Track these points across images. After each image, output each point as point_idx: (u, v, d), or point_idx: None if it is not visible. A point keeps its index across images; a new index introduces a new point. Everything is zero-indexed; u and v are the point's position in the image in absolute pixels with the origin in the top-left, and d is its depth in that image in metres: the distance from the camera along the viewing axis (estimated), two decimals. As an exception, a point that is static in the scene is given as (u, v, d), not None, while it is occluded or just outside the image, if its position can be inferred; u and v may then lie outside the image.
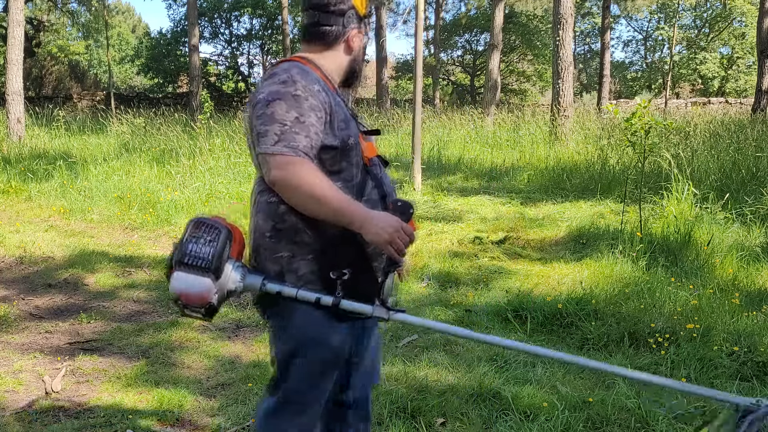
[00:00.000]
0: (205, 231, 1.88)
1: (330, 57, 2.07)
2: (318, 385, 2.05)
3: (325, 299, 1.92)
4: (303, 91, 1.88)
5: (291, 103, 1.86)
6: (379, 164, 2.12)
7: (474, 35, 33.82)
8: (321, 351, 2.00)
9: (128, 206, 7.62)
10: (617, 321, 4.05)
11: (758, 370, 3.49)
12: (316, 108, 1.88)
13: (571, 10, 12.63)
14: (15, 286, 5.21)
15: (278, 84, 1.89)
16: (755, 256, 5.24)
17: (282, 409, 2.05)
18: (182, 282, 1.86)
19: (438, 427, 2.99)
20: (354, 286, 1.96)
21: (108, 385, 3.47)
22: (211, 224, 1.89)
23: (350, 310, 1.95)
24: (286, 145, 1.82)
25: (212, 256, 1.85)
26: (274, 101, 1.86)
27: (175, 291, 1.88)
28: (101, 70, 37.45)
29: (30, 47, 25.73)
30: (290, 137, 1.83)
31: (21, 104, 12.72)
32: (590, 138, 11.83)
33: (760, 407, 1.82)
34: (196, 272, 1.85)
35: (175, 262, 1.88)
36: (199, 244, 1.86)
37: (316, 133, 1.87)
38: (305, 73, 1.94)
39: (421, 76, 8.77)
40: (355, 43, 2.08)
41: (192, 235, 1.88)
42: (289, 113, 1.85)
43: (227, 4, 29.97)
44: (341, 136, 1.94)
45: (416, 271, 5.46)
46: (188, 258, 1.86)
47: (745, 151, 8.94)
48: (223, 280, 1.87)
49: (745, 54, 31.64)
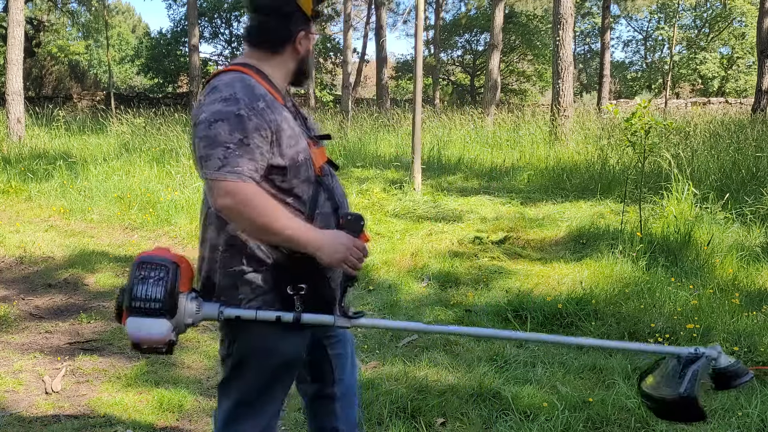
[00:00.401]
0: (151, 270, 1.83)
1: (276, 62, 1.99)
2: (272, 389, 2.04)
3: (285, 317, 1.89)
4: (246, 110, 1.81)
5: (234, 124, 1.79)
6: (330, 171, 2.08)
7: (474, 35, 33.82)
8: (272, 359, 1.98)
9: (128, 206, 7.62)
10: (617, 321, 4.05)
11: (758, 370, 3.48)
12: (260, 128, 1.82)
13: (571, 10, 12.63)
14: (15, 286, 5.21)
15: (220, 102, 1.82)
16: (755, 256, 5.24)
17: (239, 413, 2.04)
18: (139, 328, 1.82)
19: (438, 427, 2.99)
20: (312, 298, 1.94)
21: (108, 385, 3.47)
22: (156, 262, 1.84)
23: (313, 323, 1.94)
24: (230, 170, 1.77)
25: (164, 297, 1.81)
26: (217, 122, 1.80)
27: (134, 338, 1.84)
28: (101, 70, 37.46)
29: (30, 47, 25.73)
30: (234, 161, 1.78)
31: (21, 104, 12.72)
32: (590, 138, 11.84)
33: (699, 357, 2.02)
34: (150, 315, 1.81)
35: (126, 307, 1.83)
36: (148, 285, 1.82)
37: (261, 154, 1.82)
38: (249, 88, 1.86)
39: (421, 76, 8.77)
40: (302, 46, 2.01)
41: (138, 277, 1.83)
42: (232, 135, 1.79)
43: (227, 4, 29.98)
44: (290, 155, 1.89)
45: (416, 271, 5.46)
46: (139, 302, 1.81)
47: (745, 151, 8.94)
48: (179, 316, 1.84)
49: (745, 54, 31.64)
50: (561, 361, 3.68)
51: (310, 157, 1.95)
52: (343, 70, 21.21)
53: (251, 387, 2.02)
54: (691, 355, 2.05)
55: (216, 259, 1.93)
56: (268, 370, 2.00)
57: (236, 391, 2.04)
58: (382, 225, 6.95)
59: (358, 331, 4.22)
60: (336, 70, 31.94)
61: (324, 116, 16.94)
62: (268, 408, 2.06)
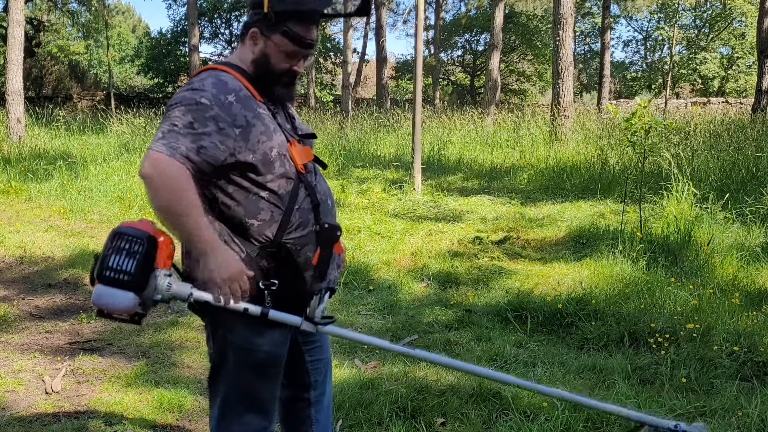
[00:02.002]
0: (126, 242, 1.83)
1: (241, 55, 2.00)
2: (255, 387, 2.03)
3: (253, 309, 1.90)
4: (210, 100, 1.82)
5: (191, 108, 1.81)
6: (315, 170, 2.07)
7: (474, 35, 33.80)
8: (250, 357, 1.99)
9: (128, 206, 7.62)
10: (617, 321, 4.05)
11: (758, 370, 3.49)
12: (220, 119, 1.82)
13: (571, 10, 12.63)
14: (15, 286, 5.21)
15: (187, 91, 1.85)
16: (755, 256, 5.24)
17: (227, 414, 2.05)
18: (104, 297, 1.82)
19: (438, 427, 2.99)
20: (282, 296, 1.94)
21: (108, 385, 3.47)
22: (132, 235, 1.83)
23: (279, 321, 1.94)
24: (166, 143, 1.77)
25: (134, 270, 1.81)
26: (176, 105, 1.83)
27: (97, 305, 1.84)
28: (101, 70, 37.45)
29: (30, 47, 25.72)
30: (174, 138, 1.78)
31: (21, 104, 12.72)
32: (590, 138, 11.84)
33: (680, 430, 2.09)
34: (117, 286, 1.81)
35: (96, 275, 1.83)
36: (121, 257, 1.81)
37: (212, 143, 1.81)
38: (221, 83, 1.88)
39: (421, 76, 8.77)
40: (257, 45, 1.96)
41: (113, 247, 1.82)
42: (184, 116, 1.80)
43: (227, 4, 29.98)
44: (261, 150, 1.88)
45: (416, 271, 5.46)
46: (109, 272, 1.81)
47: (745, 151, 8.94)
48: (148, 291, 1.84)
49: (745, 54, 31.63)
50: (561, 361, 3.68)
51: (286, 153, 1.95)
52: (343, 70, 21.21)
53: (234, 386, 2.03)
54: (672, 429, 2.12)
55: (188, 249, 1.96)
56: (247, 367, 2.00)
57: (222, 390, 2.05)
58: (382, 225, 6.95)
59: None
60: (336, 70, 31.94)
61: (324, 116, 16.94)
62: (255, 409, 2.05)
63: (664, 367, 3.52)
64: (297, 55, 1.97)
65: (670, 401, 3.14)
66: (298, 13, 1.91)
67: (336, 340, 4.04)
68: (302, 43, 1.95)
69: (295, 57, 1.97)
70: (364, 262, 5.55)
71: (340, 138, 13.26)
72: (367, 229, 6.68)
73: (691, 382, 3.37)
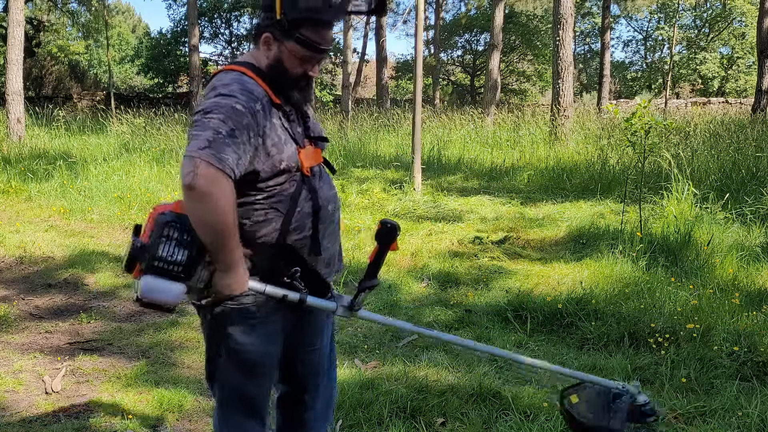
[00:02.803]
0: (176, 230, 1.78)
1: (256, 57, 1.98)
2: (247, 387, 2.03)
3: (292, 296, 1.92)
4: (244, 107, 1.81)
5: (229, 115, 1.78)
6: (321, 172, 2.06)
7: (474, 35, 33.80)
8: (241, 356, 1.98)
9: (128, 206, 7.62)
10: (617, 321, 4.05)
11: (758, 370, 3.49)
12: (251, 128, 1.82)
13: (571, 10, 12.63)
14: (15, 286, 5.21)
15: (219, 97, 1.83)
16: (755, 256, 5.24)
17: (225, 412, 2.05)
18: (153, 289, 1.78)
19: (438, 427, 2.99)
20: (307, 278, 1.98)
21: (108, 385, 3.47)
22: (184, 224, 1.78)
23: (316, 307, 1.98)
24: (214, 154, 1.73)
25: (186, 261, 1.78)
26: (213, 111, 1.79)
27: (146, 297, 1.79)
28: (101, 70, 37.44)
29: (30, 47, 25.72)
30: (221, 148, 1.74)
31: (21, 104, 12.72)
32: (590, 138, 11.84)
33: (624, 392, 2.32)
34: (167, 277, 1.78)
35: (146, 266, 1.78)
36: (171, 247, 1.77)
37: (245, 152, 1.80)
38: (248, 91, 1.86)
39: (421, 76, 8.77)
40: (271, 49, 1.95)
41: (165, 236, 1.78)
42: (225, 124, 1.77)
43: (227, 4, 29.98)
44: (271, 162, 1.89)
45: (416, 271, 5.46)
46: (161, 263, 1.77)
47: (745, 151, 8.94)
48: (193, 280, 1.83)
49: (745, 54, 31.63)
50: (561, 361, 3.67)
51: (295, 162, 1.94)
52: (343, 70, 21.21)
53: (226, 385, 2.03)
54: (618, 390, 2.33)
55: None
56: (238, 367, 2.00)
57: (218, 390, 2.06)
58: (382, 225, 6.93)
59: (358, 332, 4.23)
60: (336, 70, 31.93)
61: (324, 116, 16.93)
62: (247, 409, 2.05)
63: (664, 367, 3.52)
64: (311, 59, 1.96)
65: (670, 401, 3.14)
66: (311, 20, 1.90)
67: (336, 341, 4.04)
68: (316, 48, 1.93)
69: (309, 61, 1.96)
70: (365, 262, 5.55)
71: (340, 138, 13.25)
72: (367, 229, 6.68)
73: (691, 382, 3.37)
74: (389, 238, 1.95)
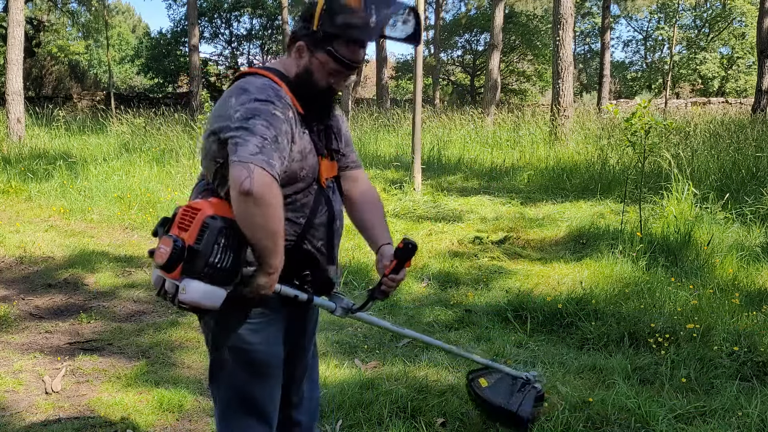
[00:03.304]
0: (229, 238, 1.77)
1: (286, 64, 1.99)
2: (252, 388, 2.02)
3: (301, 296, 1.98)
4: (281, 113, 1.84)
5: (271, 121, 1.80)
6: (334, 186, 2.10)
7: (474, 35, 33.82)
8: (246, 356, 1.98)
9: (128, 206, 7.62)
10: (617, 321, 4.05)
11: (758, 370, 3.49)
12: (287, 134, 1.85)
13: (571, 10, 12.64)
14: (15, 286, 5.21)
15: (256, 102, 1.83)
16: (755, 256, 5.24)
17: (228, 415, 2.04)
18: (198, 294, 1.75)
19: (438, 427, 2.99)
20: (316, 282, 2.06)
21: (108, 385, 3.47)
22: (230, 227, 1.77)
23: (319, 306, 2.07)
24: (266, 160, 1.74)
25: (233, 267, 1.78)
26: (255, 117, 1.79)
27: (189, 302, 1.77)
28: (101, 70, 37.46)
29: (30, 47, 25.73)
30: (270, 154, 1.76)
31: (21, 104, 12.72)
32: (590, 138, 11.84)
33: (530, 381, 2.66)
34: (214, 283, 1.76)
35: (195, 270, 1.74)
36: (223, 253, 1.76)
37: (283, 157, 1.83)
38: (279, 97, 1.88)
39: (421, 76, 8.77)
40: (303, 58, 1.95)
41: (216, 243, 1.75)
42: (269, 130, 1.79)
43: (227, 4, 29.99)
44: (293, 168, 1.90)
45: (416, 271, 5.46)
46: (211, 269, 1.75)
47: (745, 151, 8.94)
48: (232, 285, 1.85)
49: (745, 54, 31.64)
50: (561, 361, 3.68)
51: (315, 173, 1.98)
52: (343, 70, 21.18)
53: (231, 387, 2.02)
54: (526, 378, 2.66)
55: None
56: (243, 368, 1.99)
57: (221, 391, 2.04)
58: (382, 225, 6.94)
59: (358, 332, 4.23)
60: (336, 70, 31.86)
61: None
62: (253, 411, 2.04)
63: (664, 367, 3.52)
64: (339, 74, 1.97)
65: (670, 401, 3.14)
66: (345, 36, 1.90)
67: (336, 341, 4.05)
68: (346, 64, 1.94)
69: (337, 76, 1.97)
70: (364, 262, 5.55)
71: (340, 138, 13.23)
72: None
73: (691, 382, 3.37)
74: (408, 257, 2.02)
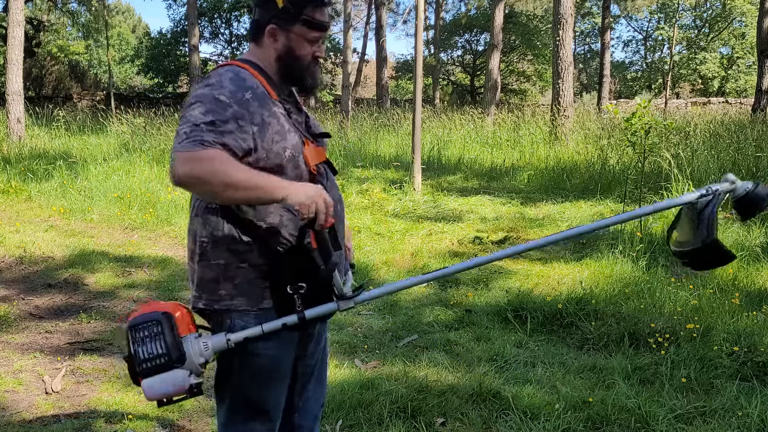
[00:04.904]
0: (144, 329, 1.81)
1: (261, 55, 1.98)
2: (260, 393, 2.01)
3: (290, 320, 1.88)
4: (228, 97, 1.80)
5: (211, 106, 1.78)
6: (326, 172, 2.05)
7: (474, 35, 33.80)
8: (255, 362, 1.97)
9: (128, 206, 7.62)
10: (617, 321, 4.05)
11: (758, 370, 3.48)
12: (239, 116, 1.80)
13: (571, 10, 12.64)
14: (15, 286, 5.21)
15: (205, 88, 1.83)
16: (755, 256, 5.24)
17: (233, 417, 2.03)
18: (156, 387, 1.80)
19: (438, 427, 2.99)
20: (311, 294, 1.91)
21: (108, 385, 3.47)
22: (145, 320, 1.82)
23: (318, 316, 1.91)
24: (191, 141, 1.72)
25: (168, 349, 1.79)
26: (196, 104, 1.80)
27: (155, 398, 1.83)
28: (101, 70, 37.44)
29: (30, 47, 25.71)
30: (198, 136, 1.73)
31: (21, 104, 12.72)
32: (590, 138, 11.84)
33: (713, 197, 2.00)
34: (162, 372, 1.79)
35: (137, 374, 1.82)
36: (147, 345, 1.80)
37: (233, 140, 1.78)
38: (238, 79, 1.86)
39: (421, 76, 8.77)
40: (278, 41, 1.96)
41: (136, 340, 1.81)
42: (206, 116, 1.76)
43: (227, 4, 29.97)
44: (275, 150, 1.87)
45: (416, 271, 5.46)
46: (146, 363, 1.80)
47: (745, 151, 8.94)
48: (190, 360, 1.82)
49: (745, 54, 31.63)
50: (561, 361, 3.68)
51: (300, 154, 1.94)
52: (343, 70, 21.19)
53: (239, 392, 2.01)
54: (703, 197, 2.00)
55: (201, 251, 1.93)
56: (252, 373, 1.98)
57: (228, 396, 2.03)
58: (382, 225, 6.95)
59: (358, 332, 4.23)
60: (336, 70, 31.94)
61: (324, 116, 16.94)
62: (260, 415, 2.03)
63: (664, 367, 3.52)
64: (318, 39, 1.99)
65: (670, 401, 3.14)
66: (314, 2, 1.94)
67: (336, 341, 4.05)
68: (322, 26, 1.97)
69: (316, 41, 1.99)
70: (364, 262, 5.55)
71: (340, 138, 13.25)
72: (367, 229, 6.69)
73: (691, 382, 3.37)
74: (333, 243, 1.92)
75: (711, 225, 1.95)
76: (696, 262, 2.09)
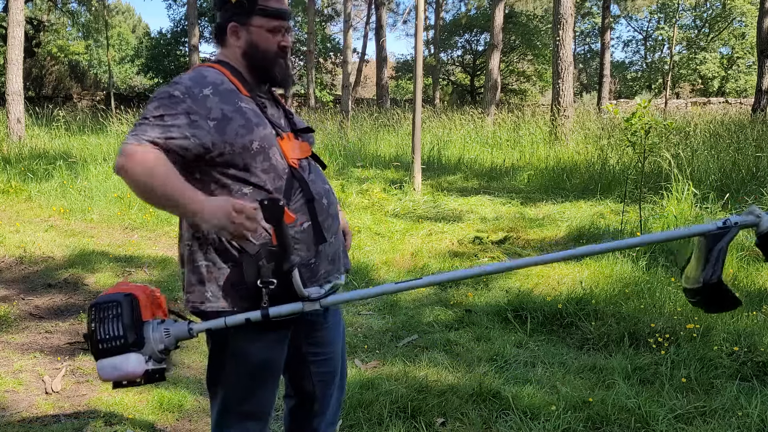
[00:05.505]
0: (105, 310, 1.80)
1: (229, 55, 2.01)
2: (252, 393, 2.01)
3: (254, 316, 1.85)
4: (183, 93, 1.84)
5: (163, 101, 1.83)
6: (311, 167, 2.04)
7: (474, 35, 33.82)
8: (247, 362, 1.97)
9: (128, 206, 7.62)
10: (617, 321, 4.05)
11: (758, 370, 3.48)
12: (192, 111, 1.82)
13: (571, 10, 12.64)
14: (15, 286, 5.21)
15: (165, 86, 1.88)
16: (755, 256, 5.24)
17: (225, 419, 2.04)
18: (110, 369, 1.78)
19: (438, 427, 2.99)
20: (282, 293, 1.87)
21: (108, 385, 3.46)
22: (107, 300, 1.81)
23: (283, 315, 1.87)
24: (134, 135, 1.79)
25: (125, 331, 1.78)
26: (153, 100, 1.85)
27: (108, 379, 1.80)
28: (101, 70, 37.44)
29: (30, 47, 25.72)
30: (142, 130, 1.80)
31: (21, 104, 12.72)
32: (590, 138, 11.84)
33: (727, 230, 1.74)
34: (117, 353, 1.78)
35: (93, 353, 1.80)
36: (106, 325, 1.79)
37: (181, 134, 1.81)
38: (200, 76, 1.89)
39: (421, 76, 8.77)
40: (241, 38, 1.98)
41: (95, 320, 1.80)
42: (156, 111, 1.82)
43: (227, 4, 29.94)
44: (240, 143, 1.86)
45: (416, 271, 5.46)
46: (102, 344, 1.78)
47: (745, 151, 8.94)
48: (149, 344, 1.80)
49: (745, 54, 31.64)
50: (561, 361, 3.68)
51: (273, 147, 1.92)
52: (343, 70, 21.20)
53: (230, 391, 2.01)
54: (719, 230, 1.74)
55: (186, 254, 1.95)
56: (243, 373, 1.98)
57: (219, 394, 2.04)
58: (382, 225, 6.95)
59: (358, 332, 4.23)
60: (336, 70, 31.95)
61: (324, 116, 16.94)
62: (252, 414, 2.04)
63: (664, 367, 3.52)
64: (279, 29, 1.99)
65: (670, 401, 3.14)
66: None
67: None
68: (280, 14, 1.98)
69: (278, 31, 1.99)
70: (364, 262, 5.55)
71: (340, 138, 13.26)
72: (367, 229, 6.68)
73: (691, 382, 3.37)
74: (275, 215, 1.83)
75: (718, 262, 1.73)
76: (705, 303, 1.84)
